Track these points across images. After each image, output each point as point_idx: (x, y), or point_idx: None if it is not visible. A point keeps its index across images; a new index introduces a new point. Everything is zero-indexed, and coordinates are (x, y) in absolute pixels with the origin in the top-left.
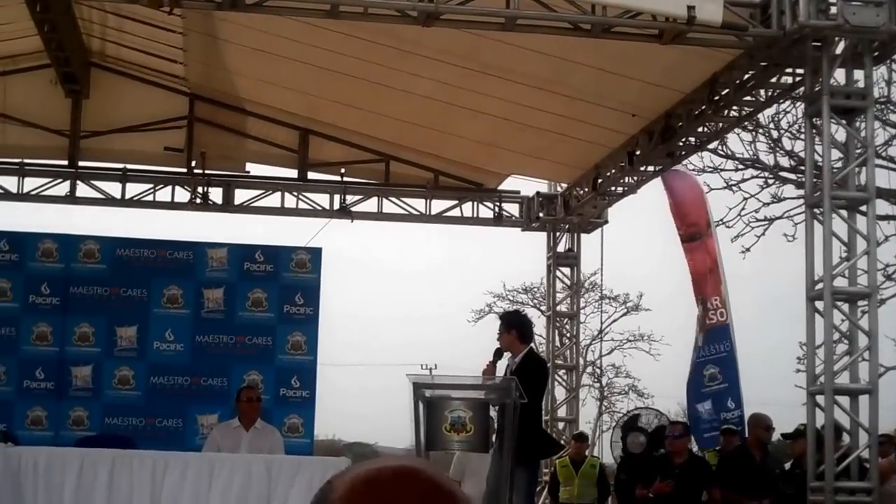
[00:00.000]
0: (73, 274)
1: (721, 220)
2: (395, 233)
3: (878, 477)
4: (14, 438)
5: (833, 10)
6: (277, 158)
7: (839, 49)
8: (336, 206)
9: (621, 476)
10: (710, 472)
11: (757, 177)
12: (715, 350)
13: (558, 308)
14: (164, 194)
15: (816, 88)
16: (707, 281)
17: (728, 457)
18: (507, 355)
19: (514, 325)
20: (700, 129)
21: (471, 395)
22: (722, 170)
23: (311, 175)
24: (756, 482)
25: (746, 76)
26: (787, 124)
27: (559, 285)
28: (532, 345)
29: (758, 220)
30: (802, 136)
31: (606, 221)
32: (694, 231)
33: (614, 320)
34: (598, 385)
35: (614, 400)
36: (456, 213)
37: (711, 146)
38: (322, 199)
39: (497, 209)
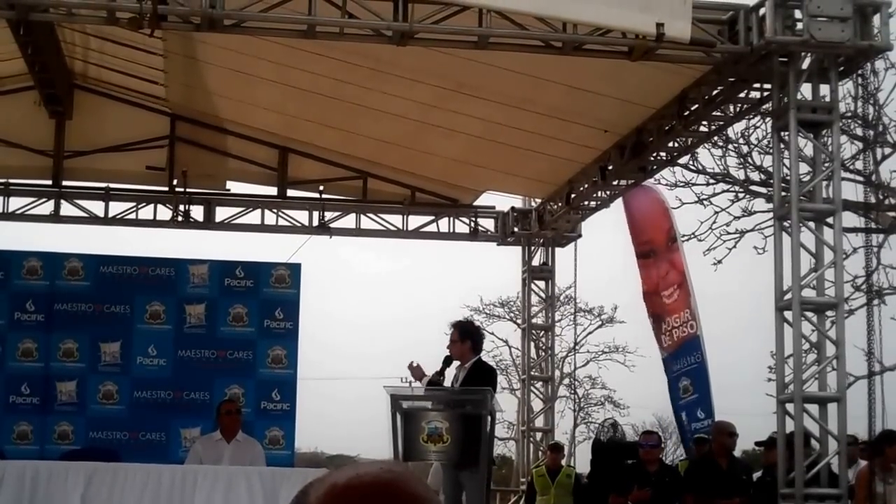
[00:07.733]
0: (57, 291)
1: (693, 233)
2: (373, 248)
3: (858, 481)
4: (0, 453)
5: (799, 25)
6: (257, 176)
7: (805, 64)
8: (315, 222)
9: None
10: (682, 479)
11: (728, 191)
12: (686, 362)
13: (534, 321)
14: (146, 212)
15: (784, 102)
16: (658, 298)
17: (694, 464)
18: (455, 363)
19: (470, 336)
20: (671, 144)
21: (447, 406)
22: (693, 184)
23: (291, 192)
24: (723, 487)
25: (715, 92)
26: (757, 139)
27: (534, 298)
28: (481, 354)
29: (729, 234)
30: (772, 151)
31: (580, 235)
32: (647, 248)
33: (589, 332)
34: (574, 396)
35: (590, 411)
36: (433, 228)
37: (682, 161)
38: (301, 216)
39: (473, 224)
